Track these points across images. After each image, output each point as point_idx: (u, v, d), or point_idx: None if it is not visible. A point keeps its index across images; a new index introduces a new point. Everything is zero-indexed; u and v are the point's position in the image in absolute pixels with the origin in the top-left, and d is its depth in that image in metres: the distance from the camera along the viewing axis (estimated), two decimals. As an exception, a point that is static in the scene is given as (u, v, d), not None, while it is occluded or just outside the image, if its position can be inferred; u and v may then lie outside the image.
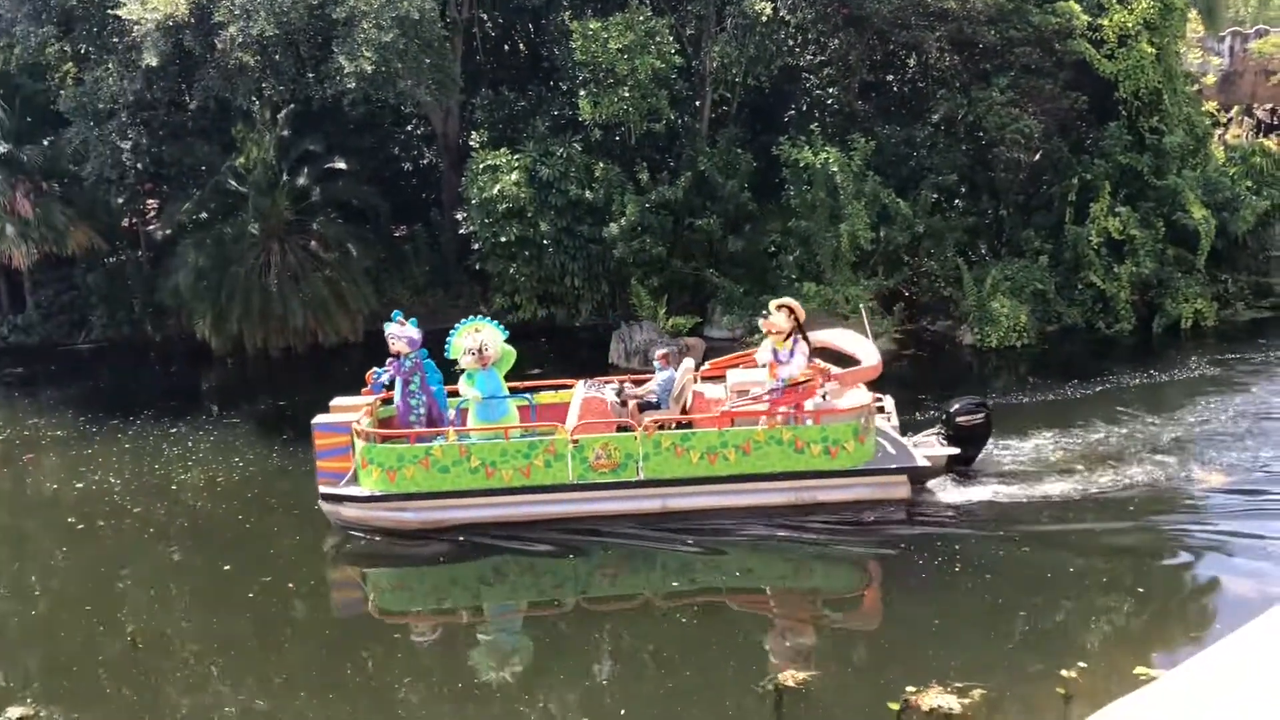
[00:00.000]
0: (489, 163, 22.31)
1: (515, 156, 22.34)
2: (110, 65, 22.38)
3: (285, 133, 23.07)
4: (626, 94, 21.37)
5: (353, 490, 12.51)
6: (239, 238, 22.89)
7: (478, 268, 23.63)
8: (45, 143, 24.45)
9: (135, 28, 21.44)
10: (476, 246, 23.05)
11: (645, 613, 10.77)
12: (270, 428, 17.57)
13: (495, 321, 13.01)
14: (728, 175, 22.52)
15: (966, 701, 8.24)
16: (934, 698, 8.30)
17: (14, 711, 8.58)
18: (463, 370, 12.69)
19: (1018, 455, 13.97)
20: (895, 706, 8.26)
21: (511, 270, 22.81)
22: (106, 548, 12.93)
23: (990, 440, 13.58)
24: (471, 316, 13.08)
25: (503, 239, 22.30)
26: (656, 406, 13.36)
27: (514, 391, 13.29)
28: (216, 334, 22.70)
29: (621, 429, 12.57)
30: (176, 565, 12.40)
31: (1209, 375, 18.16)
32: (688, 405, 13.25)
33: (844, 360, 13.20)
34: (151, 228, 25.89)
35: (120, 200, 24.80)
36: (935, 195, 22.61)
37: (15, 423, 18.98)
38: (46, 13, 22.85)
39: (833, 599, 11.31)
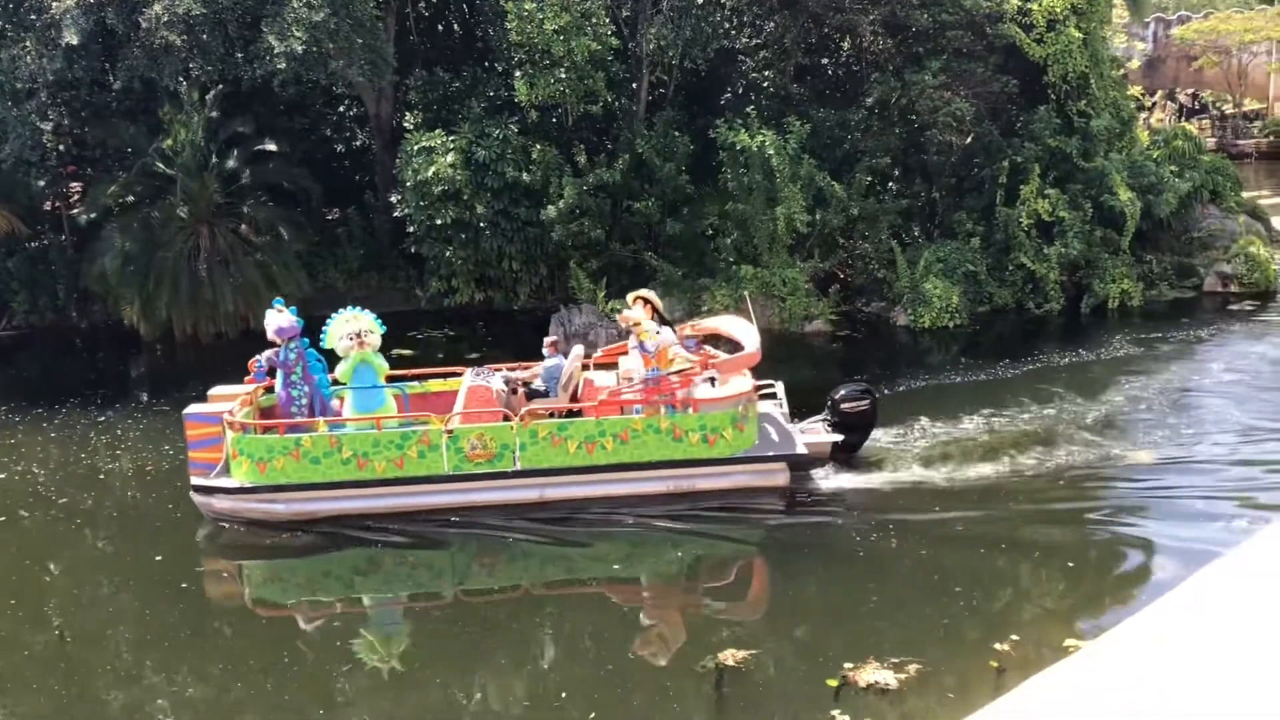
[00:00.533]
0: (424, 145, 22.04)
1: (450, 138, 22.09)
2: (28, 43, 21.66)
3: (214, 114, 22.55)
4: (563, 75, 21.25)
5: (223, 481, 12.32)
6: (167, 221, 22.37)
7: (413, 251, 23.36)
8: (-40, 123, 23.64)
9: (54, 4, 20.81)
10: (411, 230, 22.77)
11: (530, 603, 10.83)
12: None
13: (376, 317, 12.92)
14: (665, 158, 22.52)
15: (903, 676, 8.39)
16: (871, 673, 8.43)
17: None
18: (340, 359, 12.61)
19: (951, 435, 14.22)
20: (834, 683, 8.38)
21: (448, 254, 22.59)
22: (31, 539, 12.63)
23: (875, 427, 13.63)
24: (350, 307, 12.96)
25: (438, 222, 22.07)
26: (545, 394, 13.21)
27: (398, 380, 13.28)
28: (145, 320, 22.20)
29: (508, 418, 12.42)
30: (106, 556, 12.16)
31: (1134, 354, 18.62)
32: (578, 393, 13.22)
33: (735, 349, 13.22)
34: (75, 211, 25.13)
35: (42, 183, 24.06)
36: (869, 178, 22.84)
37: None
38: (-41, -12, 22.10)
39: (727, 585, 11.32)
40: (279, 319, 12.61)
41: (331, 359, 12.90)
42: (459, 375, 13.49)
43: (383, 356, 12.81)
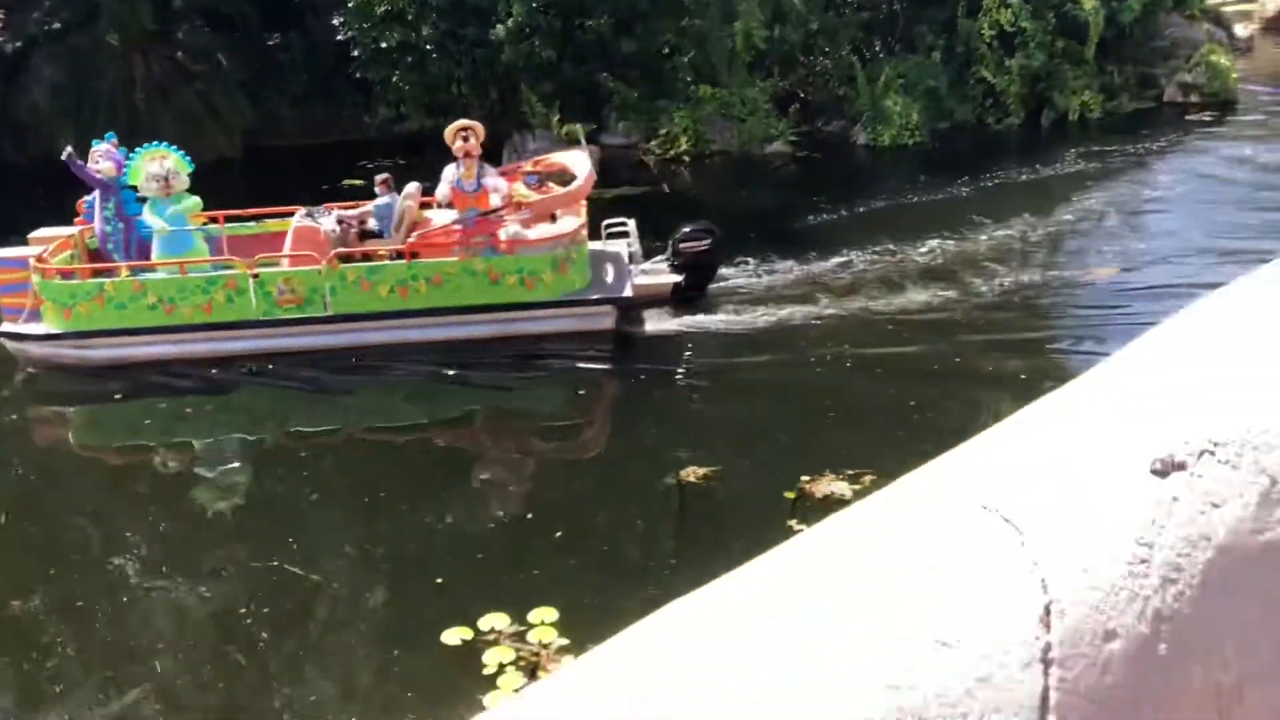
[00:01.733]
0: (364, -39, 21.00)
1: (393, -46, 21.05)
2: None
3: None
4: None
5: (32, 328, 11.94)
6: (97, 49, 21.35)
7: (359, 76, 22.56)
8: None
9: None
10: (356, 53, 21.93)
11: (455, 437, 10.95)
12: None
13: (183, 153, 12.28)
14: (617, -29, 21.62)
15: (857, 487, 8.64)
16: (827, 485, 8.68)
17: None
18: (144, 198, 12.10)
19: (906, 258, 14.23)
20: (791, 495, 8.63)
21: (394, 78, 21.83)
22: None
23: (718, 267, 13.26)
24: (156, 144, 12.30)
25: (383, 45, 21.25)
26: (380, 235, 12.60)
27: (234, 220, 12.91)
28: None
29: (345, 260, 11.96)
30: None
31: (1092, 169, 18.59)
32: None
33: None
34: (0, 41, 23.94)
35: (-40, 10, 22.79)
36: (830, -10, 22.16)
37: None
38: None
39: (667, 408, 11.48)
40: (110, 152, 12.14)
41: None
42: (290, 215, 12.72)
43: (196, 196, 12.26)
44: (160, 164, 11.90)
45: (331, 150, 22.97)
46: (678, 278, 12.78)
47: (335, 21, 22.25)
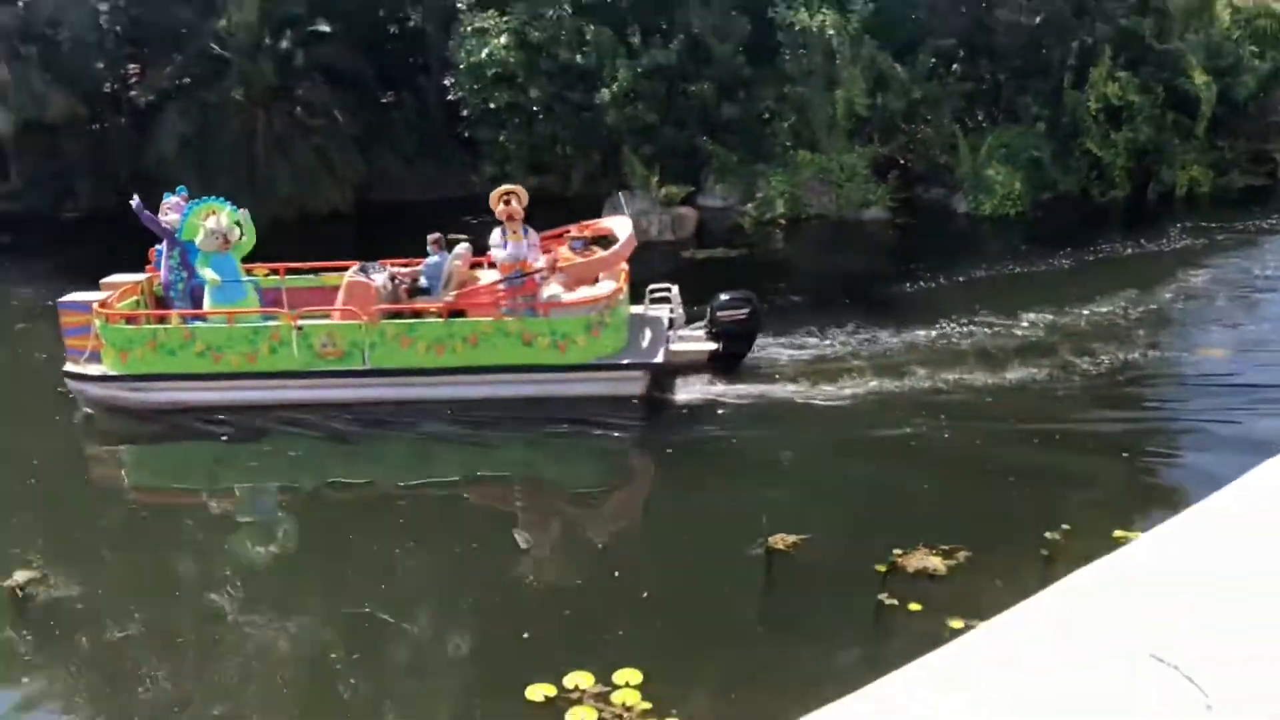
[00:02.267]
0: (477, 25, 21.77)
1: (504, 19, 21.79)
2: (82, -79, 21.58)
3: (262, -6, 22.40)
4: (618, -47, 20.72)
5: (90, 369, 12.41)
6: (224, 104, 22.45)
7: (467, 135, 23.28)
8: (19, 4, 23.67)
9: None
10: (465, 113, 22.66)
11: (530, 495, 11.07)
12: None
13: (232, 204, 12.67)
14: (722, 39, 22.01)
15: (951, 563, 8.50)
16: (920, 559, 8.56)
17: (20, 576, 8.79)
18: (201, 252, 12.35)
19: (1007, 329, 14.04)
20: (882, 568, 8.53)
21: (501, 138, 22.49)
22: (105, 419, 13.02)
23: (758, 336, 13.06)
24: (208, 199, 12.66)
25: (492, 105, 21.94)
26: (428, 292, 12.81)
27: (290, 272, 13.27)
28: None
29: (393, 315, 12.21)
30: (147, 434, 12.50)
31: (1201, 245, 18.18)
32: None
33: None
34: (134, 94, 25.28)
35: (100, 65, 24.18)
36: (933, 60, 22.18)
37: (6, 293, 18.90)
38: None
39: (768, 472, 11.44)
40: (175, 205, 12.58)
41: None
42: (344, 270, 12.89)
43: (251, 239, 12.68)
44: (215, 219, 12.25)
45: (438, 206, 23.61)
46: (714, 345, 12.72)
47: (447, 82, 23.04)
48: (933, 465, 10.57)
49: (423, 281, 12.91)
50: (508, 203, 12.07)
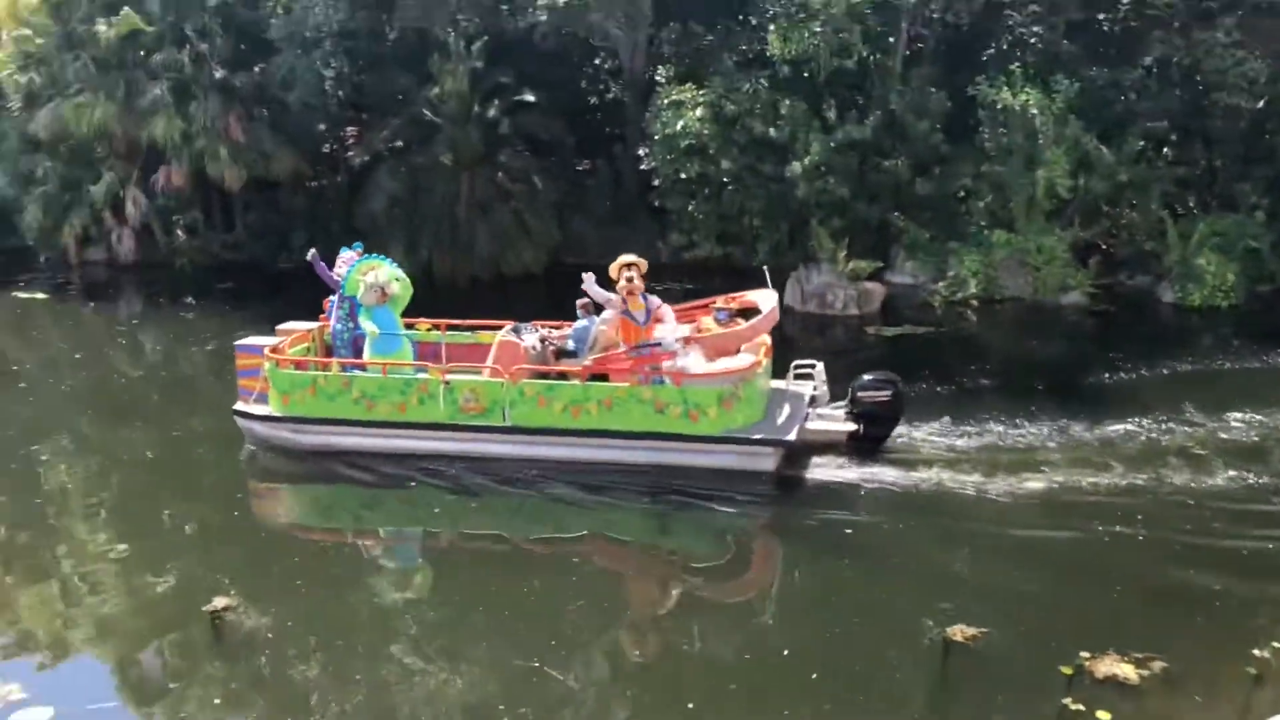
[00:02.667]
0: (674, 98, 22.29)
1: (700, 92, 22.23)
2: (318, -5, 23.34)
3: (478, 64, 23.57)
4: (818, 29, 20.88)
5: (256, 409, 13.18)
6: (432, 167, 23.67)
7: (657, 204, 23.74)
8: (256, 70, 25.72)
9: (342, -41, 22.24)
10: (657, 183, 23.14)
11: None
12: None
13: (391, 260, 13.31)
14: (919, 115, 21.80)
15: (1145, 673, 7.95)
16: (1110, 665, 8.03)
17: (219, 600, 9.29)
18: (361, 306, 12.92)
19: (1213, 429, 13.15)
20: (1068, 671, 8.04)
21: (690, 207, 22.84)
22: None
23: (900, 420, 12.65)
24: (369, 255, 13.25)
25: (683, 175, 22.33)
26: (574, 354, 13.00)
27: (450, 329, 13.79)
28: (408, 260, 23.49)
29: (540, 375, 12.45)
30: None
31: None
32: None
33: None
34: (351, 154, 26.96)
35: (323, 127, 25.96)
36: (1142, 143, 21.28)
37: (227, 334, 20.25)
38: (261, -56, 23.99)
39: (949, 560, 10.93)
40: (347, 260, 13.21)
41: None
42: (498, 329, 13.33)
43: (408, 293, 13.29)
44: (374, 275, 12.88)
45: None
46: (853, 426, 12.45)
47: (641, 152, 23.60)
48: (1125, 568, 9.93)
49: (570, 344, 13.22)
50: (630, 280, 12.15)
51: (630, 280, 12.12)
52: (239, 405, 13.47)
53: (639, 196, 24.96)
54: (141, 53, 25.13)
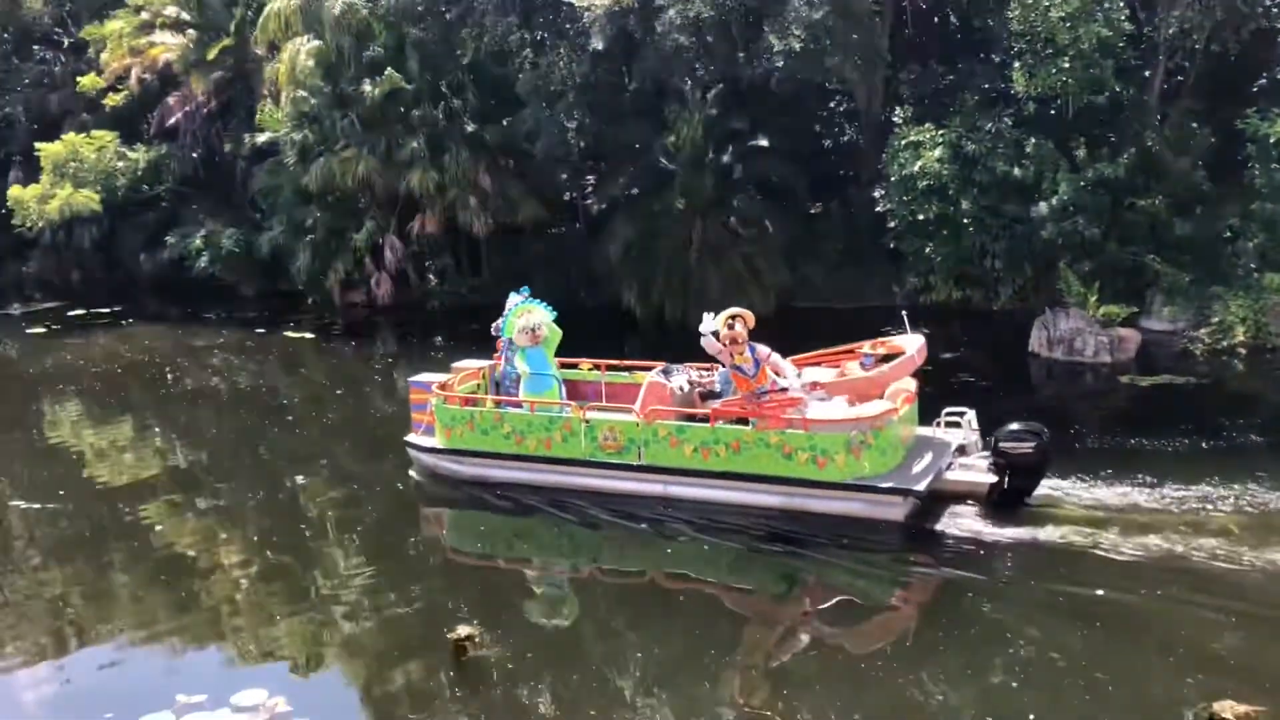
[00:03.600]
0: (911, 139, 21.86)
1: (940, 132, 21.71)
2: (562, 50, 24.40)
3: (713, 111, 23.93)
4: (1066, 65, 19.97)
5: (423, 440, 14.22)
6: (666, 213, 24.14)
7: (892, 246, 23.28)
8: (504, 123, 27.10)
9: (586, 14, 23.17)
10: (892, 225, 22.70)
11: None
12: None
13: (546, 304, 14.01)
14: (1179, 152, 20.46)
15: None
16: None
17: (462, 629, 9.67)
18: (516, 347, 13.83)
19: None
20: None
21: (927, 250, 22.25)
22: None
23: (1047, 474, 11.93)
24: (524, 301, 13.97)
25: (920, 217, 21.81)
26: (719, 395, 13.12)
27: (610, 369, 14.47)
28: (641, 303, 24.13)
29: (688, 417, 12.71)
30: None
31: None
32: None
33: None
34: (589, 202, 27.92)
35: (564, 176, 27.01)
36: None
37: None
38: (510, 4, 25.29)
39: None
40: (513, 302, 14.09)
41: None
42: (649, 369, 13.79)
43: (558, 335, 14.00)
44: (528, 318, 13.70)
45: (857, 315, 23.71)
46: (993, 478, 11.90)
47: (876, 194, 23.23)
48: None
49: (717, 386, 13.38)
50: (732, 327, 12.15)
51: (731, 329, 12.14)
52: (410, 436, 14.55)
53: (873, 239, 24.55)
54: (401, 109, 26.95)
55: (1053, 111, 21.80)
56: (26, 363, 25.22)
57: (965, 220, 21.45)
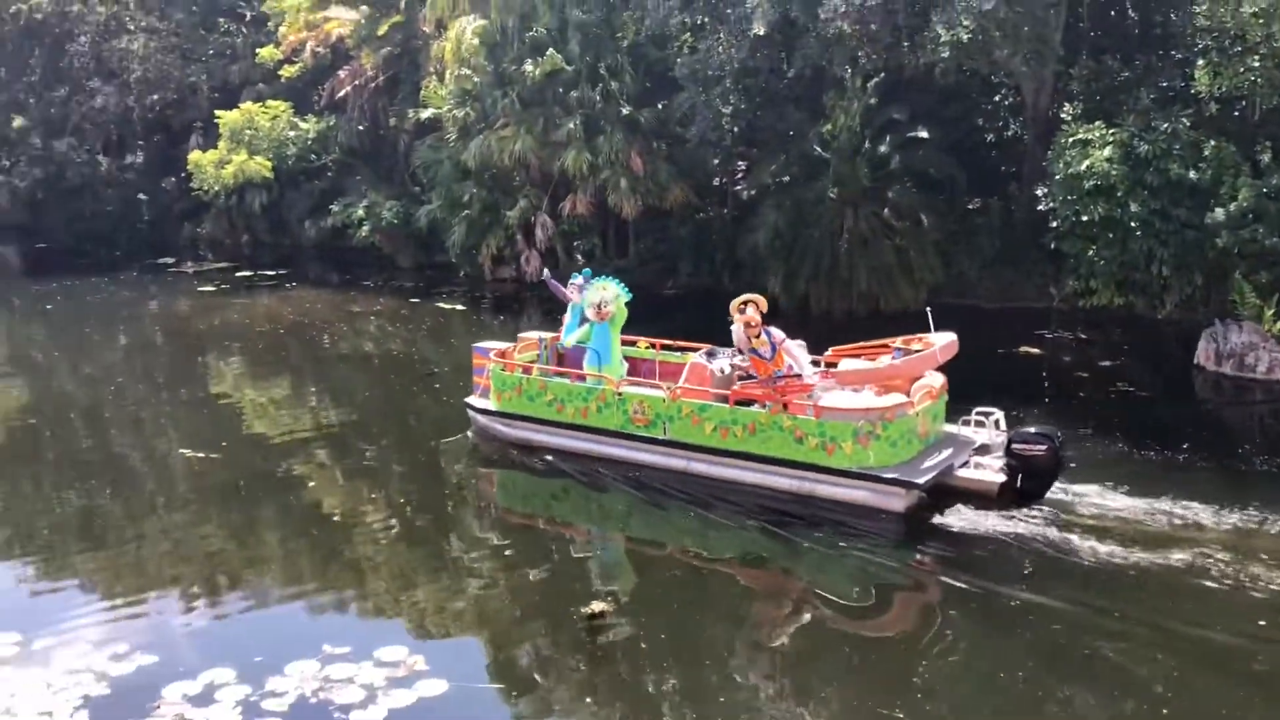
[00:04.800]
0: (1080, 137, 20.99)
1: (1111, 131, 20.77)
2: (721, 35, 24.27)
3: (872, 101, 23.48)
4: (1256, 64, 18.82)
5: (479, 402, 15.23)
6: (817, 202, 23.83)
7: (1052, 247, 22.44)
8: (659, 106, 27.18)
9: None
10: (1054, 225, 21.86)
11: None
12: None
13: (620, 282, 14.37)
14: (1379, 158, 19.07)
15: None
16: None
17: (595, 605, 9.82)
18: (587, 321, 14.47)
19: None
20: None
21: (1090, 252, 21.36)
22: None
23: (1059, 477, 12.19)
24: (602, 277, 14.51)
25: (1084, 218, 20.93)
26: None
27: (664, 348, 15.14)
28: (785, 291, 23.89)
29: (722, 398, 13.15)
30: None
31: None
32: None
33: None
34: (738, 188, 27.77)
35: (715, 161, 26.93)
36: None
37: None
38: (673, -14, 25.34)
39: None
40: (577, 286, 14.84)
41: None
42: (695, 350, 14.38)
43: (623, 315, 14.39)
44: (601, 294, 14.12)
45: (1011, 315, 23.02)
46: (1003, 478, 12.21)
47: (1039, 192, 22.42)
48: None
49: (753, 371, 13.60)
50: (743, 311, 12.90)
51: (744, 313, 12.88)
52: (469, 399, 15.56)
53: (1031, 238, 23.72)
54: (560, 90, 27.32)
55: (1236, 113, 20.63)
56: (197, 319, 26.65)
57: (1133, 223, 20.49)
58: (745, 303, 12.99)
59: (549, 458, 14.30)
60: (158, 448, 16.09)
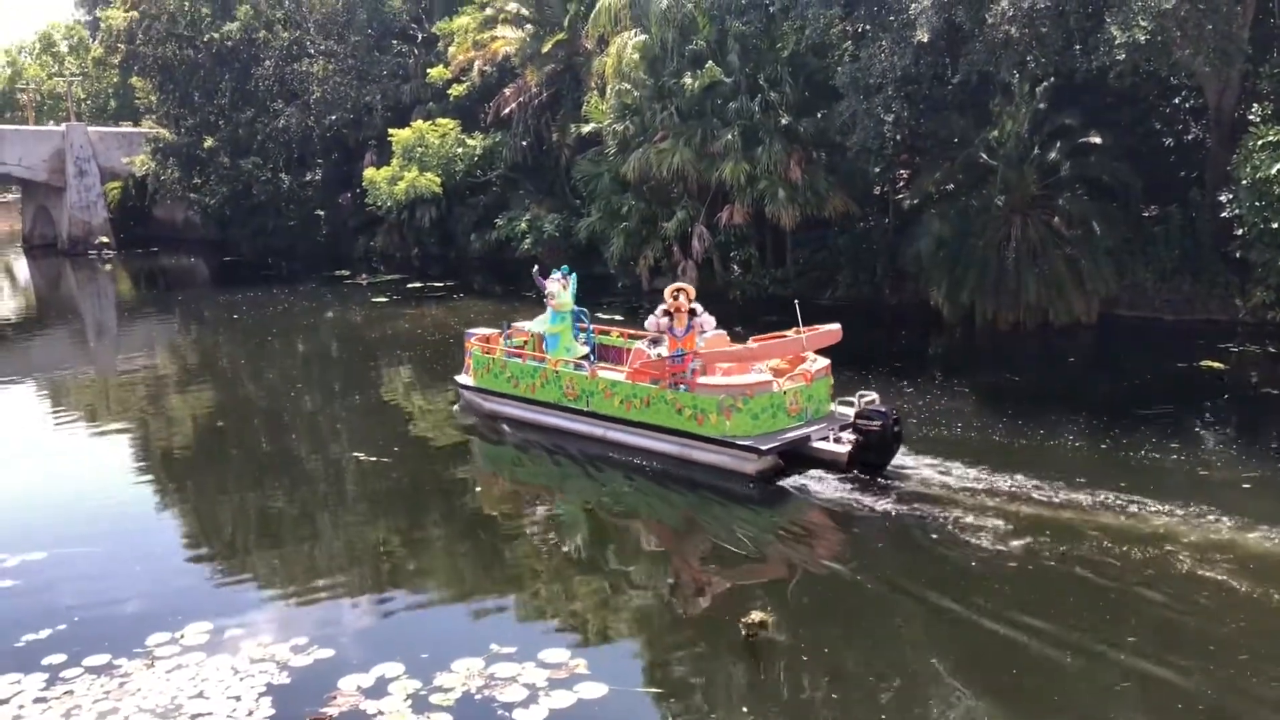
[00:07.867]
0: (1269, 139, 19.82)
1: (1305, 132, 19.54)
2: (884, 42, 23.90)
3: (1041, 106, 22.75)
4: None
5: (464, 379, 18.13)
6: (983, 210, 23.21)
7: (1238, 256, 21.23)
8: (819, 115, 26.91)
9: (912, 5, 22.61)
10: (1240, 232, 20.68)
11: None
12: (996, 398, 17.68)
13: (571, 272, 17.11)
14: None
15: None
16: None
17: (755, 615, 9.79)
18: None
19: None
20: None
21: (1280, 262, 20.13)
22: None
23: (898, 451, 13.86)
24: (568, 269, 17.24)
25: (1274, 225, 19.72)
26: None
27: (632, 337, 17.16)
28: (949, 302, 23.33)
29: (656, 379, 15.10)
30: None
31: None
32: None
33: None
34: (900, 197, 27.26)
35: (876, 169, 26.52)
36: None
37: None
38: (834, -5, 25.14)
39: None
40: (556, 280, 16.85)
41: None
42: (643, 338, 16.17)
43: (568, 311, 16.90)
44: (556, 284, 16.71)
45: (1191, 328, 21.91)
46: (844, 449, 13.83)
47: (1223, 198, 21.26)
48: None
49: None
50: (676, 298, 15.28)
51: (675, 299, 15.24)
52: (458, 377, 18.41)
53: (1215, 248, 22.49)
54: (719, 101, 27.40)
55: None
56: (370, 328, 27.84)
57: (1329, 231, 19.22)
58: (677, 290, 15.49)
59: (505, 427, 16.91)
60: (332, 450, 16.90)
